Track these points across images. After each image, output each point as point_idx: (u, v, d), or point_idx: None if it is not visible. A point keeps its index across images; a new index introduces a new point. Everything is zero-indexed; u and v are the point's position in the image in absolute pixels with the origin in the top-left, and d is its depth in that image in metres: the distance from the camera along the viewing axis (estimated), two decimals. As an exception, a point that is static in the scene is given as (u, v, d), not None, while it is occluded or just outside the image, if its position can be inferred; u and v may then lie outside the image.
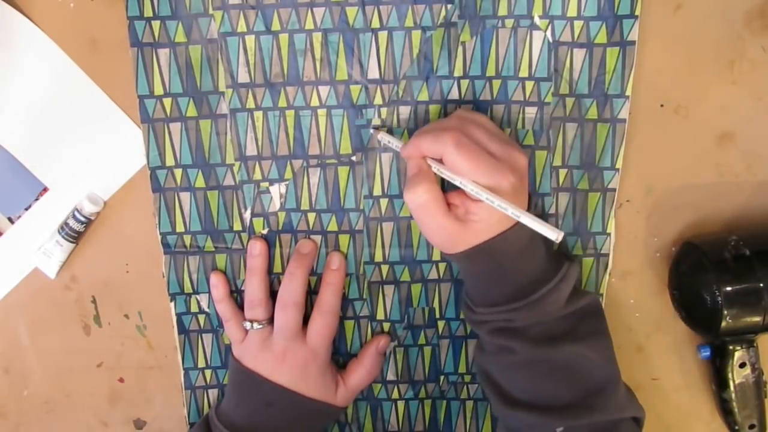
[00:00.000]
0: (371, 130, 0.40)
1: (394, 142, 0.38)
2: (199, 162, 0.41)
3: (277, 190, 0.41)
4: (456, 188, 0.35)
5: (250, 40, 0.39)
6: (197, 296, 0.43)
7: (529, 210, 0.35)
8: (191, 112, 0.40)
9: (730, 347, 0.40)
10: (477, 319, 0.38)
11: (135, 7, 0.39)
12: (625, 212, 0.41)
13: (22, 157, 0.41)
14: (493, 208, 0.33)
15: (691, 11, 0.39)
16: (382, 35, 0.39)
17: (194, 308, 0.43)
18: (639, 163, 0.41)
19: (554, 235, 0.32)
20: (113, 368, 0.44)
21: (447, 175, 0.34)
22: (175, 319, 0.43)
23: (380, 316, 0.43)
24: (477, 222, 0.34)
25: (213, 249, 0.42)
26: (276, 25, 0.39)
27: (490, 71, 0.39)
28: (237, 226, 0.42)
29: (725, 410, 0.41)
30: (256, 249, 0.41)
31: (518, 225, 0.33)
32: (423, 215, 0.35)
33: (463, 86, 0.40)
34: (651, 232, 0.41)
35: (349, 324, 0.43)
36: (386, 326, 0.43)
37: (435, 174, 0.35)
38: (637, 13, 0.38)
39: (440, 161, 0.35)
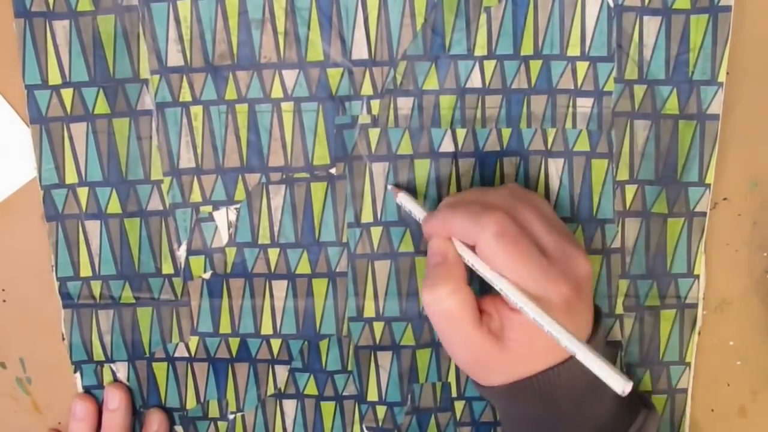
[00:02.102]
0: (389, 187, 0.40)
1: (418, 212, 0.38)
2: (114, 178, 0.41)
3: (223, 217, 0.41)
4: (491, 287, 0.35)
5: (184, 5, 0.39)
6: (112, 365, 0.43)
7: (594, 335, 0.35)
8: (101, 108, 0.40)
9: None
10: None
11: (21, -39, 0.39)
12: (721, 216, 0.41)
13: None
14: (539, 328, 0.33)
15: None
16: (373, -2, 0.39)
17: (108, 381, 0.43)
18: (739, 148, 0.41)
19: (619, 385, 0.31)
20: (-19, 447, 0.44)
21: (480, 270, 0.35)
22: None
23: (372, 396, 0.43)
24: (515, 342, 0.34)
25: (133, 301, 0.42)
26: (222, -15, 0.39)
27: (527, 48, 0.39)
28: (167, 269, 0.42)
29: None
30: (115, 402, 0.42)
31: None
32: (445, 324, 0.35)
33: (488, 70, 0.39)
34: (758, 244, 0.42)
35: (328, 408, 0.43)
36: (381, 410, 0.43)
37: (465, 265, 0.35)
38: (733, -35, 0.39)
39: (473, 247, 0.35)
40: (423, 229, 0.37)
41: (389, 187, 0.40)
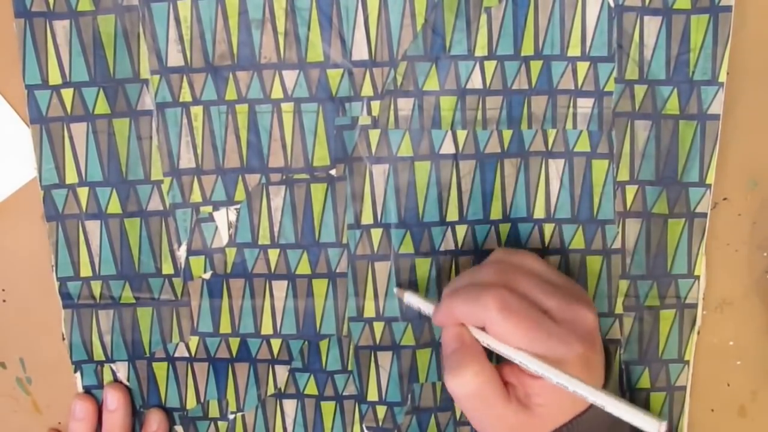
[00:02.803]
0: (395, 290, 0.41)
1: (426, 306, 0.39)
2: (114, 178, 0.41)
3: (223, 217, 0.41)
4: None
5: (184, 5, 0.39)
6: (112, 365, 0.43)
7: (609, 374, 0.36)
8: (102, 108, 0.40)
9: None
10: None
11: (20, -39, 0.39)
12: (722, 216, 0.41)
13: None
14: (562, 389, 0.33)
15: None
16: (373, -2, 0.39)
17: (108, 381, 0.43)
18: (739, 148, 0.41)
19: (653, 426, 0.31)
20: (-19, 447, 0.44)
21: (497, 348, 0.35)
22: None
23: (372, 396, 0.43)
24: (543, 406, 0.35)
25: (133, 301, 0.42)
26: (222, -15, 0.39)
27: (527, 48, 0.39)
28: (167, 269, 0.42)
29: None
30: (114, 402, 0.42)
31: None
32: (476, 406, 0.35)
33: (489, 70, 0.39)
34: (758, 244, 0.42)
35: (328, 407, 0.43)
36: (381, 410, 0.43)
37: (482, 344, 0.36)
38: (733, -35, 0.39)
39: (483, 328, 0.35)
40: (433, 322, 0.38)
41: (395, 290, 0.41)
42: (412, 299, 0.40)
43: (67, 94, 0.40)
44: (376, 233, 0.41)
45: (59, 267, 0.42)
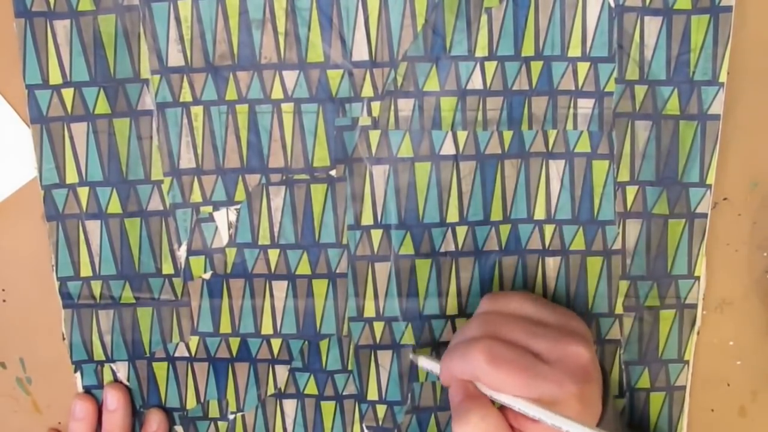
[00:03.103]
0: (411, 356, 0.41)
1: (437, 369, 0.39)
2: (114, 178, 0.41)
3: (224, 218, 0.41)
4: None
5: (184, 5, 0.39)
6: (112, 365, 0.43)
7: (605, 404, 0.36)
8: (102, 108, 0.40)
9: None
10: None
11: (21, -39, 0.39)
12: (722, 216, 0.41)
13: None
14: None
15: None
16: (373, -1, 0.39)
17: (108, 381, 0.43)
18: (739, 148, 0.41)
19: None
20: (-19, 447, 0.44)
21: (495, 397, 0.35)
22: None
23: (372, 395, 0.43)
24: None
25: (133, 300, 0.42)
26: (222, -15, 0.39)
27: (528, 49, 0.39)
28: (167, 269, 0.42)
29: None
30: (114, 402, 0.42)
31: None
32: None
33: (489, 71, 0.39)
34: (758, 244, 0.42)
35: (328, 407, 0.43)
36: (381, 410, 0.43)
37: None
38: (734, -34, 0.39)
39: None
40: (442, 383, 0.38)
41: (411, 356, 0.41)
42: (425, 363, 0.40)
43: (68, 93, 0.40)
44: (376, 234, 0.41)
45: (59, 267, 0.42)
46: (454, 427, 0.36)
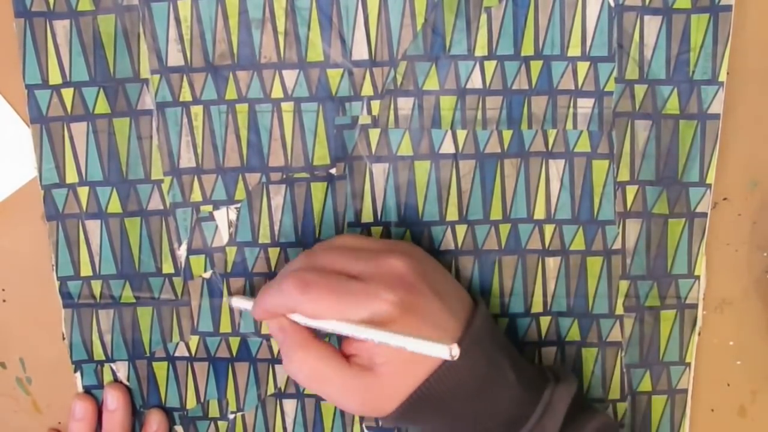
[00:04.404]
0: (225, 299, 0.41)
1: (250, 306, 0.38)
2: (114, 178, 0.41)
3: (224, 217, 0.41)
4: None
5: (184, 5, 0.39)
6: (112, 365, 0.43)
7: (473, 319, 0.35)
8: (102, 108, 0.40)
9: None
10: None
11: (20, -39, 0.39)
12: (722, 215, 0.41)
13: None
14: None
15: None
16: (373, -2, 0.39)
17: (108, 380, 0.43)
18: (739, 148, 0.41)
19: (445, 351, 0.31)
20: (-20, 446, 0.44)
21: (316, 325, 0.35)
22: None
23: (372, 395, 0.42)
24: (385, 365, 0.34)
25: (133, 300, 0.42)
26: (222, -15, 0.39)
27: (527, 48, 0.39)
28: (167, 268, 0.42)
29: None
30: (113, 402, 0.42)
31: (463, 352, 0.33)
32: (319, 384, 0.36)
33: (489, 70, 0.39)
34: (758, 244, 0.42)
35: (328, 407, 0.43)
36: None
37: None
38: (733, -35, 0.39)
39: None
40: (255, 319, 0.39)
41: (225, 300, 0.41)
42: (239, 303, 0.40)
43: (68, 93, 0.40)
44: (376, 232, 0.41)
45: (59, 266, 0.42)
46: (284, 368, 0.36)
